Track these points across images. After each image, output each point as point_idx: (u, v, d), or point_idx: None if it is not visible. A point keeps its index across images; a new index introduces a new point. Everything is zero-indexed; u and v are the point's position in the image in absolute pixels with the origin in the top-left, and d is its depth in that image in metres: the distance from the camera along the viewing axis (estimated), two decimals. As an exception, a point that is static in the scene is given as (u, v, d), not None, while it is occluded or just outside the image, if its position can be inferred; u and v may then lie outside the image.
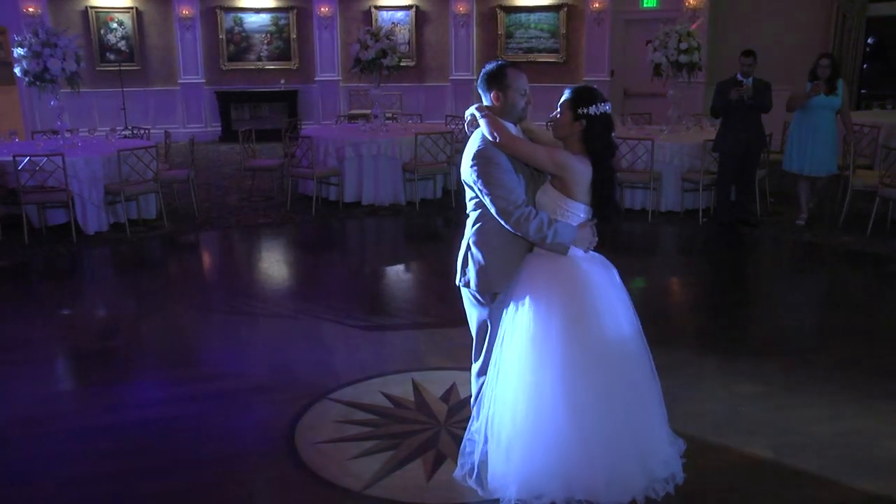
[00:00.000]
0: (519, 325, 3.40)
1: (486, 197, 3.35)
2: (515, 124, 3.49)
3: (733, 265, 7.77)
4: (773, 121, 9.31)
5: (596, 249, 3.55)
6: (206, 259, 8.41)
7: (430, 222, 9.27)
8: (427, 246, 8.69)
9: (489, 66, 3.45)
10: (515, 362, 3.40)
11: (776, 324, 6.06)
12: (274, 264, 8.12)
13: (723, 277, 7.41)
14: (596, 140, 3.37)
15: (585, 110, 3.34)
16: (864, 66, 13.75)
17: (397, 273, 7.69)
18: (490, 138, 3.35)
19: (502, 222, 3.35)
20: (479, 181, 3.34)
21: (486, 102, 3.48)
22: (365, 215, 9.40)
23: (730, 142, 8.24)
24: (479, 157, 3.35)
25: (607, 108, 3.38)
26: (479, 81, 3.49)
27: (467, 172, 3.40)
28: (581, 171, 3.39)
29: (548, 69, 14.95)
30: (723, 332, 5.85)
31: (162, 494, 3.70)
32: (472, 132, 3.50)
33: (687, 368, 4.91)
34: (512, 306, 3.44)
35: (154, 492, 3.71)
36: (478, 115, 3.43)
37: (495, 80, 3.41)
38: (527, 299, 3.40)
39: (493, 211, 3.36)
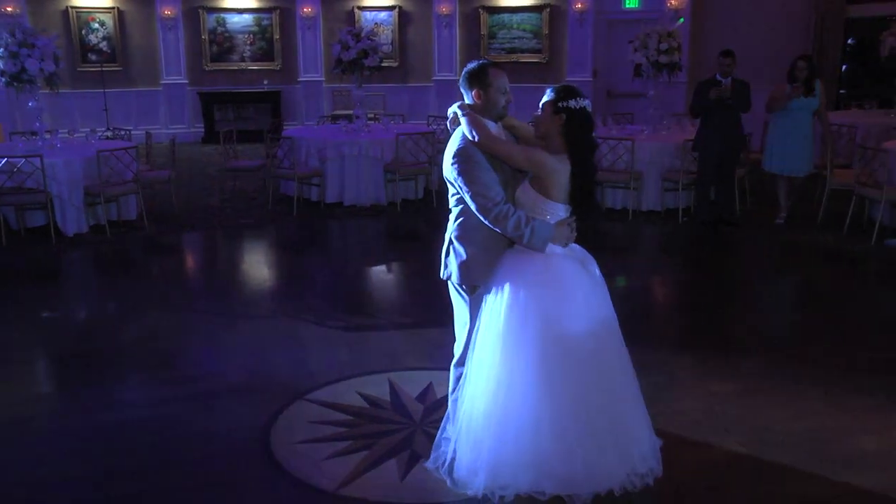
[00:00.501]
0: (494, 317, 3.45)
1: (466, 194, 3.44)
2: (496, 122, 3.55)
3: (713, 264, 7.81)
4: (753, 120, 9.36)
5: (578, 242, 3.60)
6: (187, 260, 8.38)
7: (412, 223, 9.27)
8: (407, 246, 8.70)
9: (471, 65, 3.54)
10: (489, 354, 3.45)
11: (753, 322, 6.11)
12: (254, 265, 8.11)
13: (702, 276, 7.45)
14: (576, 133, 3.43)
15: (565, 104, 3.41)
16: (844, 66, 13.87)
17: (377, 273, 7.68)
18: (469, 137, 3.41)
19: (482, 219, 3.42)
20: (460, 179, 3.43)
21: (467, 100, 3.55)
22: (346, 216, 9.39)
23: (709, 142, 8.28)
24: (459, 156, 3.44)
25: (587, 103, 3.45)
26: (461, 80, 3.56)
27: (448, 170, 3.49)
28: (558, 170, 3.43)
29: (530, 69, 14.98)
30: (700, 331, 5.91)
31: (136, 496, 3.69)
32: (454, 130, 3.57)
33: (664, 367, 4.95)
34: (489, 299, 3.50)
35: (128, 493, 3.71)
36: (459, 113, 3.50)
37: (477, 79, 3.49)
38: (504, 292, 3.45)
39: (472, 208, 3.44)
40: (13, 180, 7.89)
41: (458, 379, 3.66)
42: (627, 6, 14.90)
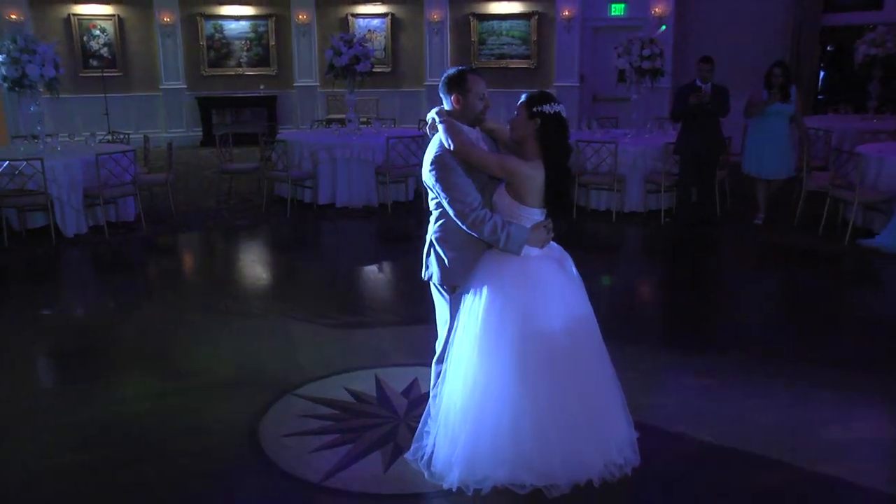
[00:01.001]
0: (472, 317, 3.47)
1: (443, 200, 3.45)
2: (473, 126, 3.55)
3: (693, 263, 7.86)
4: (733, 124, 9.41)
5: (557, 240, 3.64)
6: (183, 260, 8.39)
7: (402, 224, 9.28)
8: (397, 246, 8.72)
9: (450, 71, 3.55)
10: (466, 353, 3.47)
11: (729, 319, 6.15)
12: (248, 265, 8.11)
13: (682, 275, 7.50)
14: (551, 137, 3.44)
15: (540, 108, 3.42)
16: (822, 73, 13.94)
17: (367, 273, 7.69)
18: (446, 145, 3.42)
19: (459, 223, 3.44)
20: (437, 185, 3.44)
21: (446, 105, 3.55)
22: (338, 217, 9.40)
23: (690, 145, 8.32)
24: (436, 163, 3.45)
25: (561, 108, 3.46)
26: (440, 85, 3.56)
27: (427, 176, 3.49)
28: (531, 176, 3.44)
29: (519, 75, 15.01)
30: (678, 328, 5.97)
31: (129, 486, 3.71)
32: (433, 135, 3.58)
33: (642, 362, 4.98)
34: (468, 299, 3.52)
35: (121, 484, 3.73)
36: (437, 119, 3.50)
37: (456, 85, 3.50)
38: (482, 292, 3.48)
39: (450, 213, 3.45)
40: (15, 182, 7.90)
41: (438, 375, 3.68)
42: (613, 14, 14.92)
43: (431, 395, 3.72)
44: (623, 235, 8.77)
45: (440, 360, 3.69)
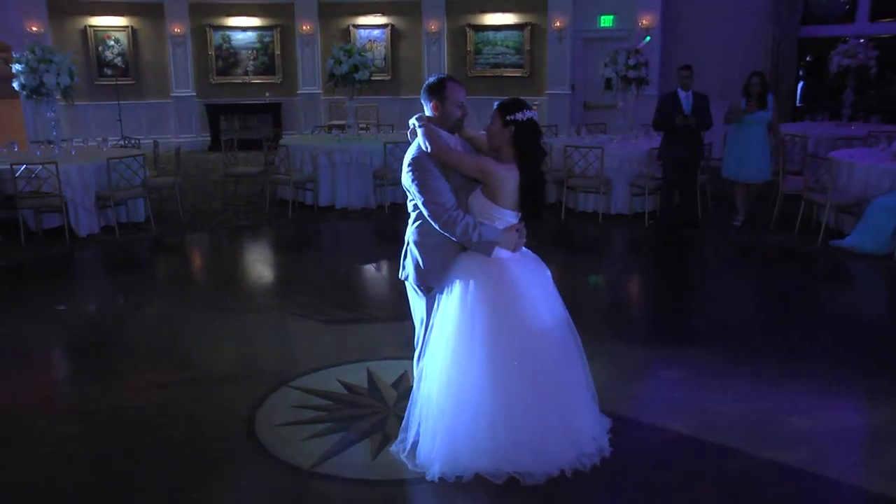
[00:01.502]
0: (447, 315, 3.50)
1: (419, 201, 3.47)
2: (452, 133, 3.56)
3: (674, 263, 7.89)
4: (714, 130, 9.44)
5: (528, 246, 3.65)
6: (189, 259, 8.41)
7: (398, 225, 9.24)
8: (392, 246, 8.63)
9: (431, 79, 3.56)
10: (442, 349, 3.49)
11: (705, 315, 6.20)
12: (250, 264, 8.14)
13: (663, 274, 7.53)
14: (525, 143, 3.45)
15: (513, 116, 3.43)
16: (801, 82, 13.97)
17: (363, 271, 7.73)
18: (424, 148, 3.44)
19: (433, 224, 3.44)
20: (414, 185, 3.46)
21: (427, 112, 3.57)
22: (338, 218, 9.43)
23: (672, 153, 8.35)
24: (414, 165, 3.47)
25: (534, 114, 3.48)
26: (421, 92, 3.57)
27: (405, 178, 3.51)
28: (505, 178, 3.46)
29: (513, 83, 15.02)
30: (657, 323, 6.00)
31: (130, 473, 3.75)
32: (413, 139, 3.59)
33: (620, 356, 5.02)
34: (442, 300, 3.54)
35: (123, 470, 3.77)
36: (416, 124, 3.52)
37: (435, 92, 3.51)
38: (455, 293, 3.50)
39: (425, 213, 3.45)
40: (31, 185, 7.94)
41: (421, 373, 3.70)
42: (602, 25, 14.92)
43: (413, 391, 3.74)
44: (609, 236, 8.80)
45: (419, 358, 3.71)
